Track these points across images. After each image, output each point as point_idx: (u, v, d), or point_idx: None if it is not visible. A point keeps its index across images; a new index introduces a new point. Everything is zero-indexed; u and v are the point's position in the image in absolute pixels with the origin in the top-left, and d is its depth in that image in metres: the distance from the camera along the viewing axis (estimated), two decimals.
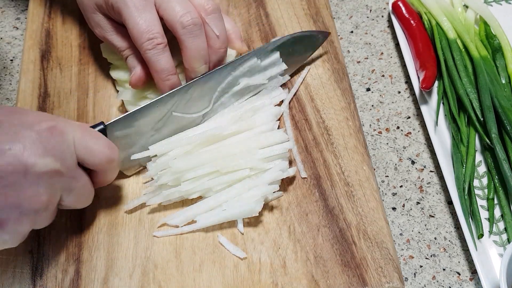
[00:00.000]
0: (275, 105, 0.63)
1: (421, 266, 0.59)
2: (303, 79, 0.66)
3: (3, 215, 0.46)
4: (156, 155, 0.59)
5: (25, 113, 0.49)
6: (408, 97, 0.71)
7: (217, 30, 0.59)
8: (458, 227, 0.62)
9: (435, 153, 0.64)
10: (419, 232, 0.61)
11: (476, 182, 0.63)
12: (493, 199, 0.61)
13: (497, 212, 0.61)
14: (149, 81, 0.61)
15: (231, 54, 0.65)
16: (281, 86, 0.65)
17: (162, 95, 0.58)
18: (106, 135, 0.55)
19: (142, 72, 0.60)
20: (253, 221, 0.57)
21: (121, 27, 0.62)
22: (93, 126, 0.54)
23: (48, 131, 0.47)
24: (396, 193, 0.64)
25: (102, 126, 0.55)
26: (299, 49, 0.65)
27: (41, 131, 0.47)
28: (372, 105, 0.70)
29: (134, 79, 0.60)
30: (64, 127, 0.49)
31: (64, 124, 0.49)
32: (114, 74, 0.66)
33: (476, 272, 0.58)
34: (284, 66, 0.63)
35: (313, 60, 0.68)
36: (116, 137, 0.57)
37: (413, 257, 0.60)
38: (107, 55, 0.67)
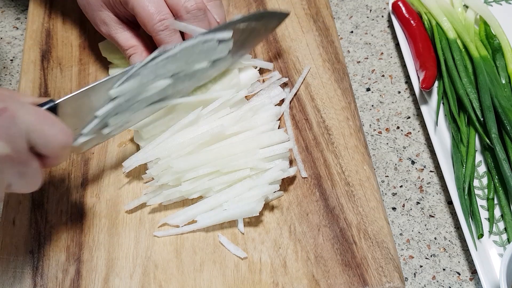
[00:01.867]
0: (275, 105, 0.63)
1: (421, 266, 0.59)
2: (304, 79, 0.66)
3: None
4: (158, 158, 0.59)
5: None
6: (408, 97, 0.71)
7: (218, 16, 0.61)
8: (458, 227, 0.62)
9: (435, 153, 0.64)
10: (419, 232, 0.62)
11: (476, 182, 0.63)
12: (493, 199, 0.61)
13: (497, 212, 0.61)
14: None
15: None
16: (281, 86, 0.65)
17: (118, 72, 0.56)
18: (56, 113, 0.52)
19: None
20: (254, 221, 0.57)
21: (127, 25, 0.62)
22: (42, 104, 0.51)
23: None
24: (396, 193, 0.64)
25: (51, 104, 0.51)
26: (252, 34, 0.64)
27: None
28: (372, 105, 0.71)
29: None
30: (16, 110, 0.45)
31: (16, 107, 0.45)
32: (114, 74, 0.66)
33: (476, 272, 0.58)
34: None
35: (314, 60, 0.68)
36: (67, 115, 0.53)
37: (413, 257, 0.60)
38: (107, 54, 0.67)
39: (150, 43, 0.61)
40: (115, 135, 0.60)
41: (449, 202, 0.63)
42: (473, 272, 0.59)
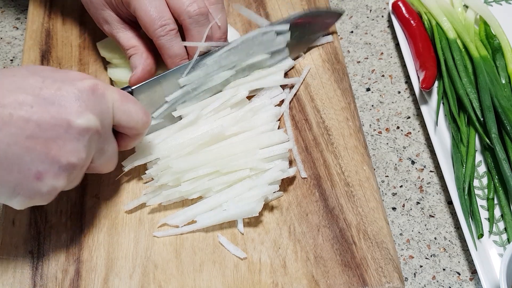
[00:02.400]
0: (275, 105, 0.63)
1: (421, 266, 0.59)
2: (303, 79, 0.66)
3: (44, 168, 0.46)
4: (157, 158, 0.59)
5: (68, 71, 0.50)
6: (408, 97, 0.71)
7: (219, 20, 0.61)
8: (458, 227, 0.62)
9: (435, 153, 0.64)
10: (419, 232, 0.62)
11: (476, 182, 0.63)
12: (493, 199, 0.61)
13: (497, 212, 0.61)
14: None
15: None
16: (280, 86, 0.65)
17: (187, 62, 0.60)
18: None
19: (142, 73, 0.61)
20: (253, 221, 0.57)
21: (129, 25, 0.62)
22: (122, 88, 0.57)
23: (90, 90, 0.48)
24: (396, 193, 0.64)
25: (129, 89, 0.58)
26: (309, 30, 0.67)
27: (83, 89, 0.48)
28: (372, 105, 0.71)
29: (133, 79, 0.61)
30: (105, 88, 0.50)
31: (104, 86, 0.50)
32: (112, 74, 0.66)
33: (476, 272, 0.58)
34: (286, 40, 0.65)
35: (313, 60, 0.68)
36: (141, 100, 0.59)
37: (413, 257, 0.60)
38: (105, 54, 0.67)
39: (151, 44, 0.61)
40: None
41: (449, 202, 0.63)
42: (473, 272, 0.59)
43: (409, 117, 0.70)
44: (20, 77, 0.47)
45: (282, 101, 0.64)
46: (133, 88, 0.58)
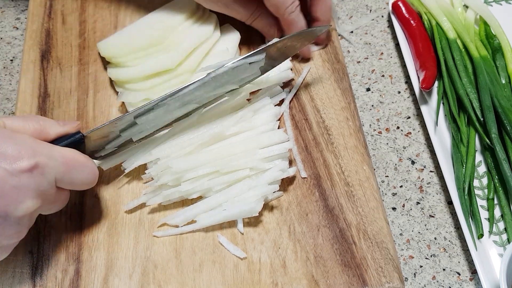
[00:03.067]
0: (275, 105, 0.63)
1: (421, 266, 0.59)
2: (303, 79, 0.66)
3: None
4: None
5: (5, 143, 0.46)
6: (408, 97, 0.71)
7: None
8: (458, 227, 0.62)
9: (435, 153, 0.64)
10: (419, 232, 0.61)
11: (476, 182, 0.63)
12: (493, 199, 0.61)
13: (497, 212, 0.61)
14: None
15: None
16: (281, 86, 0.65)
17: (151, 101, 0.57)
18: (84, 138, 0.55)
19: (275, 24, 0.66)
20: (253, 221, 0.57)
21: None
22: (69, 136, 0.53)
23: (29, 171, 0.46)
24: (396, 193, 0.64)
25: (80, 136, 0.54)
26: (293, 44, 0.64)
27: (21, 171, 0.46)
28: (372, 105, 0.71)
29: (278, 34, 0.66)
30: (46, 165, 0.47)
31: (46, 161, 0.47)
32: (112, 74, 0.66)
33: (476, 272, 0.58)
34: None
35: (313, 60, 0.68)
36: (93, 140, 0.56)
37: (413, 257, 0.60)
38: (105, 54, 0.67)
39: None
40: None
41: (449, 202, 0.63)
42: (473, 272, 0.59)
43: (409, 117, 0.70)
44: None
45: (282, 101, 0.64)
46: (85, 134, 0.55)
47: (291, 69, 0.66)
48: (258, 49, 0.59)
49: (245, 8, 0.65)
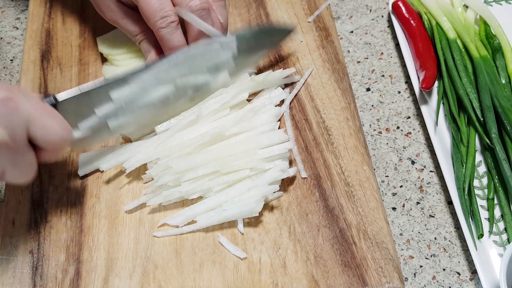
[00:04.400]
0: (276, 106, 0.63)
1: (421, 266, 0.59)
2: (305, 80, 0.66)
3: None
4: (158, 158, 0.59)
5: None
6: (408, 97, 0.71)
7: (222, 17, 0.61)
8: (458, 227, 0.62)
9: (435, 153, 0.64)
10: (419, 232, 0.62)
11: (476, 182, 0.63)
12: (493, 199, 0.61)
13: (497, 212, 0.61)
14: None
15: None
16: (281, 86, 0.65)
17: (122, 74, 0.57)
18: (56, 109, 0.53)
19: (157, 56, 0.61)
20: (253, 221, 0.57)
21: (133, 11, 0.62)
22: (45, 96, 0.53)
23: (2, 102, 0.46)
24: (396, 193, 0.64)
25: (51, 99, 0.53)
26: (261, 44, 0.65)
27: None
28: (372, 105, 0.71)
29: (150, 63, 0.60)
30: (20, 101, 0.47)
31: (20, 97, 0.47)
32: (107, 73, 0.66)
33: (476, 272, 0.58)
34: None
35: (313, 60, 0.68)
36: (67, 111, 0.54)
37: (413, 257, 0.60)
38: (103, 50, 0.67)
39: None
40: (115, 135, 0.61)
41: (449, 202, 0.63)
42: (473, 272, 0.59)
43: (409, 117, 0.70)
44: None
45: (282, 101, 0.64)
46: (58, 99, 0.54)
47: (295, 72, 0.66)
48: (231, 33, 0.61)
49: (133, 26, 0.62)
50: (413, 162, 0.66)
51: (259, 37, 0.63)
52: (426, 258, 0.60)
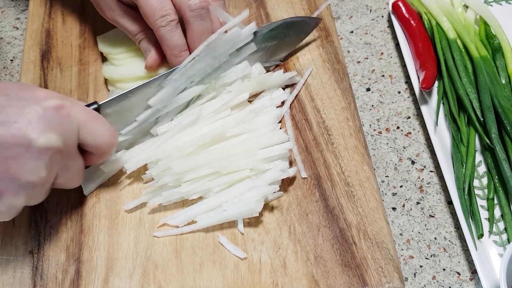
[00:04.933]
0: (277, 107, 0.63)
1: (421, 266, 0.59)
2: (305, 81, 0.66)
3: (2, 186, 0.46)
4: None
5: (34, 89, 0.50)
6: (408, 97, 0.71)
7: (221, 17, 0.61)
8: (458, 227, 0.62)
9: (435, 153, 0.64)
10: (419, 232, 0.62)
11: (476, 182, 0.63)
12: (493, 199, 0.61)
13: (497, 212, 0.61)
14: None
15: None
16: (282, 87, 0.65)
17: (156, 76, 0.60)
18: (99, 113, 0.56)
19: (157, 55, 0.62)
20: (253, 221, 0.57)
21: (132, 10, 0.62)
22: (87, 106, 0.55)
23: (55, 110, 0.48)
24: (396, 193, 0.64)
25: (96, 106, 0.56)
26: (289, 35, 0.66)
27: (48, 108, 0.48)
28: (372, 105, 0.71)
29: (150, 62, 0.62)
30: (71, 108, 0.50)
31: (71, 105, 0.50)
32: (106, 72, 0.66)
33: (476, 272, 0.58)
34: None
35: (313, 60, 0.68)
36: (108, 116, 0.57)
37: (413, 257, 0.60)
38: (103, 49, 0.67)
39: None
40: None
41: (449, 202, 0.63)
42: (473, 272, 0.59)
43: (409, 117, 0.70)
44: None
45: (283, 102, 0.64)
46: (100, 103, 0.57)
47: (296, 73, 0.66)
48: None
49: (133, 25, 0.62)
50: (413, 162, 0.66)
51: (282, 29, 0.64)
52: (426, 258, 0.60)
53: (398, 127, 0.69)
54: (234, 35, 0.60)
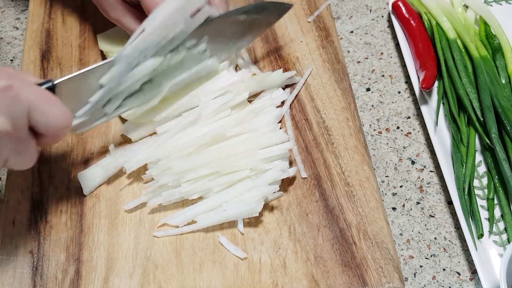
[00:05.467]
0: (277, 107, 0.63)
1: (421, 266, 0.59)
2: (305, 80, 0.66)
3: None
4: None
5: None
6: (408, 97, 0.71)
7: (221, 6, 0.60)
8: (458, 227, 0.62)
9: (435, 153, 0.64)
10: (419, 232, 0.62)
11: (476, 182, 0.63)
12: (493, 199, 0.61)
13: (497, 212, 0.61)
14: None
15: None
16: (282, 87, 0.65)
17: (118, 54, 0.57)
18: (54, 92, 0.53)
19: None
20: (253, 221, 0.57)
21: (135, 9, 0.62)
22: (42, 84, 0.52)
23: (2, 91, 0.45)
24: (396, 193, 0.64)
25: (50, 84, 0.53)
26: (259, 20, 0.64)
27: None
28: (372, 105, 0.71)
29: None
30: (20, 89, 0.46)
31: (20, 86, 0.47)
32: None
33: (476, 272, 0.58)
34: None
35: (313, 60, 0.68)
36: (64, 97, 0.53)
37: (413, 257, 0.60)
38: (104, 47, 0.67)
39: None
40: (114, 116, 0.60)
41: (449, 202, 0.63)
42: (473, 272, 0.59)
43: (409, 117, 0.70)
44: None
45: (283, 102, 0.64)
46: (55, 82, 0.53)
47: (296, 73, 0.66)
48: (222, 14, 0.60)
49: (136, 24, 0.61)
50: (413, 162, 0.66)
51: (254, 17, 0.62)
52: (426, 258, 0.60)
53: (398, 127, 0.69)
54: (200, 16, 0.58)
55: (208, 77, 0.64)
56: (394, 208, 0.63)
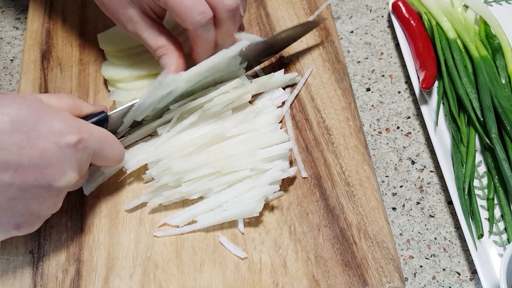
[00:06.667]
0: (277, 107, 0.63)
1: (421, 266, 0.59)
2: (306, 80, 0.66)
3: (23, 220, 0.49)
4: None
5: (51, 119, 0.48)
6: (408, 97, 0.71)
7: (243, 10, 0.60)
8: (458, 227, 0.62)
9: (435, 153, 0.64)
10: (419, 232, 0.62)
11: (476, 182, 0.63)
12: (493, 199, 0.61)
13: (497, 212, 0.61)
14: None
15: None
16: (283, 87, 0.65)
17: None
18: (107, 123, 0.58)
19: (180, 67, 0.60)
20: (254, 221, 0.57)
21: (155, 23, 0.59)
22: (95, 115, 0.56)
23: (74, 147, 0.49)
24: (396, 193, 0.64)
25: (104, 115, 0.57)
26: (290, 35, 0.67)
27: (66, 145, 0.48)
28: (372, 105, 0.71)
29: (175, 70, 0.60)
30: (87, 141, 0.50)
31: (87, 137, 0.50)
32: (106, 73, 0.66)
33: (476, 272, 0.58)
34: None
35: (314, 60, 0.68)
36: (112, 125, 0.59)
37: (413, 257, 0.60)
38: (104, 46, 0.67)
39: (178, 42, 0.61)
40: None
41: (449, 202, 0.63)
42: (473, 272, 0.59)
43: (409, 117, 0.70)
44: (4, 134, 0.46)
45: (283, 102, 0.64)
46: (109, 114, 0.58)
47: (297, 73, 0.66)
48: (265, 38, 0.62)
49: (156, 40, 0.59)
50: (413, 162, 0.66)
51: (289, 33, 0.65)
52: (426, 258, 0.60)
53: (398, 127, 0.69)
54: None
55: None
56: (394, 208, 0.63)
